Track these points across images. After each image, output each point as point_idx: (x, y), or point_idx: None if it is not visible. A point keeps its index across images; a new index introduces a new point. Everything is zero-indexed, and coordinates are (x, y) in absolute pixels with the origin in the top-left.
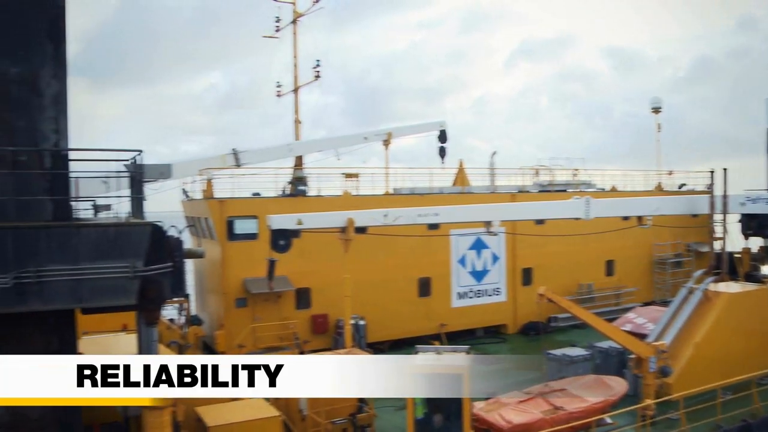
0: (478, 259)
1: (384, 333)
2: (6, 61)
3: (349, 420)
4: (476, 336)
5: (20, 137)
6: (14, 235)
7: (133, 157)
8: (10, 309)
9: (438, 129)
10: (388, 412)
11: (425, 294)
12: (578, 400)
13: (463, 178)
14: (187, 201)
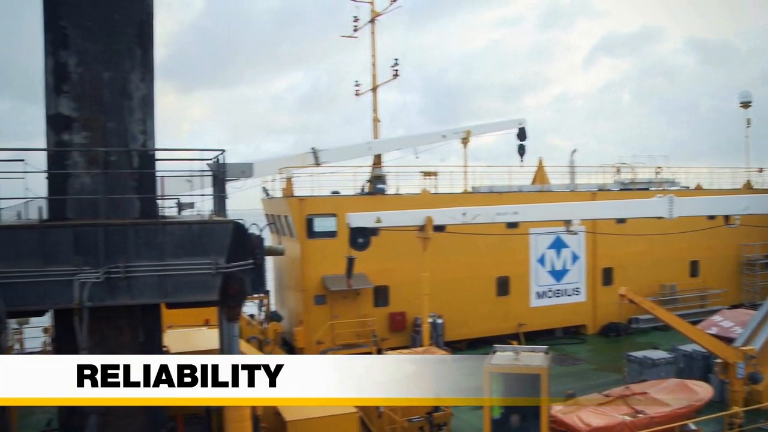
0: (557, 258)
1: (461, 332)
2: (99, 67)
3: (425, 418)
4: (555, 336)
5: (111, 138)
6: (105, 232)
7: (216, 157)
8: (101, 303)
9: (517, 127)
10: (465, 411)
11: (503, 293)
12: (660, 404)
13: (543, 176)
14: (268, 199)
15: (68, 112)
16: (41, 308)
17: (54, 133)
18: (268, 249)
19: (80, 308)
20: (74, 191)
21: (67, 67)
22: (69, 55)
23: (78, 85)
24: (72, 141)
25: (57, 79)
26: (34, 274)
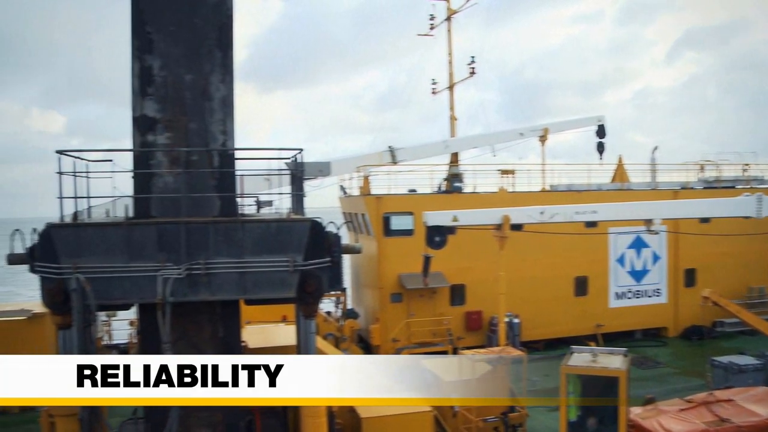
0: (637, 258)
1: (538, 332)
2: (181, 70)
3: (500, 419)
4: (634, 338)
5: (193, 138)
6: (187, 230)
7: (294, 156)
8: (183, 298)
9: (596, 124)
10: (541, 412)
11: (581, 293)
12: (747, 412)
13: (623, 174)
14: (345, 197)
15: (152, 114)
16: (127, 302)
17: (139, 134)
18: (345, 247)
19: (163, 303)
20: (158, 190)
21: (152, 71)
22: (153, 59)
23: (161, 88)
24: (156, 141)
25: (142, 83)
26: (121, 269)
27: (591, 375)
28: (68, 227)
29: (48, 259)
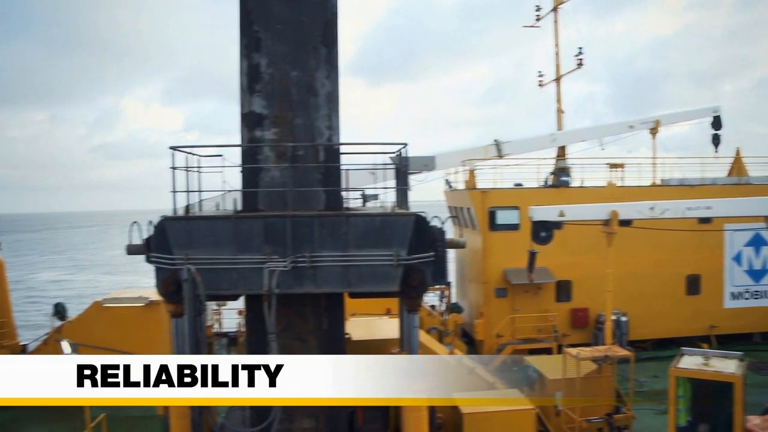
0: (756, 257)
1: (647, 331)
2: (287, 66)
3: (605, 419)
4: (752, 341)
5: (299, 133)
6: (293, 223)
7: (399, 150)
8: (288, 290)
9: (711, 115)
10: (648, 415)
11: (694, 292)
12: None
13: (740, 167)
14: (450, 191)
15: (260, 110)
16: (234, 293)
17: (247, 130)
18: (450, 241)
19: (269, 294)
20: (265, 184)
21: (259, 68)
22: (261, 57)
23: (268, 85)
24: (263, 137)
25: (250, 80)
26: (229, 261)
27: (703, 379)
28: (180, 220)
29: (162, 251)
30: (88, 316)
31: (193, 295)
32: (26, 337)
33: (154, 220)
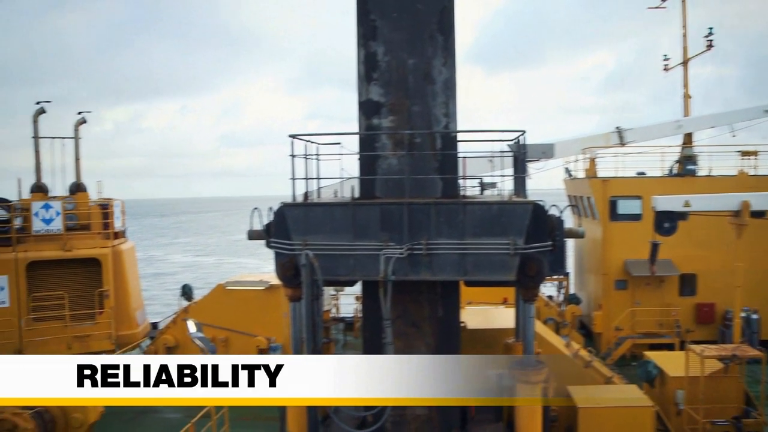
0: None
1: None
2: (404, 54)
3: (731, 423)
4: None
5: (416, 121)
6: (409, 210)
7: (517, 137)
8: (404, 277)
9: None
10: None
11: None
12: None
13: None
14: (569, 180)
15: (377, 98)
16: (351, 278)
17: (365, 117)
18: (568, 231)
19: (385, 281)
20: (382, 171)
21: (376, 57)
22: (377, 45)
23: (386, 73)
24: (380, 125)
25: (367, 68)
26: (346, 247)
27: None
28: (299, 206)
29: (281, 236)
30: (212, 297)
31: (311, 279)
32: (157, 316)
33: (275, 207)
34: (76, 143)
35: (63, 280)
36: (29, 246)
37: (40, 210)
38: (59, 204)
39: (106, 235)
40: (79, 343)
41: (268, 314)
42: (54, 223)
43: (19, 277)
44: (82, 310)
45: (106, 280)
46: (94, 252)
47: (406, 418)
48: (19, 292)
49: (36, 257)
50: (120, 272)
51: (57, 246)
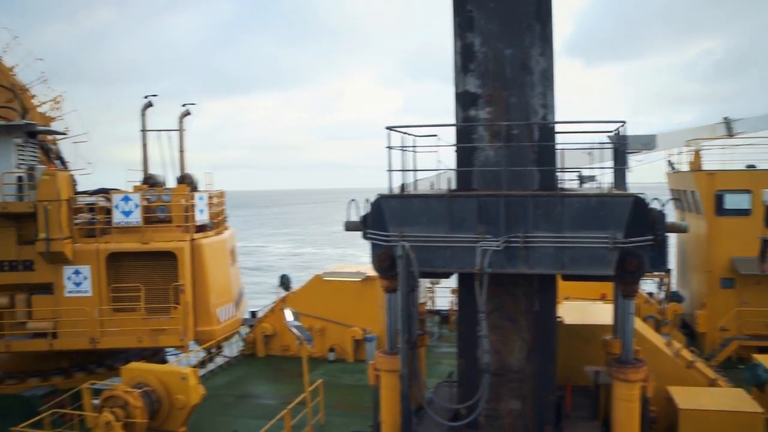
0: None
1: None
2: (500, 45)
3: None
4: None
5: (513, 112)
6: (506, 203)
7: (617, 129)
8: (500, 270)
9: None
10: None
11: None
12: None
13: None
14: (673, 173)
15: (474, 89)
16: (447, 270)
17: (462, 109)
18: (670, 225)
19: (481, 273)
20: (479, 163)
21: (473, 47)
22: (474, 36)
23: (482, 64)
24: (477, 116)
25: (464, 59)
26: (442, 239)
27: None
28: (396, 198)
29: (378, 227)
30: (310, 288)
31: (407, 271)
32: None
33: (371, 198)
34: (180, 135)
35: (141, 273)
36: (111, 237)
37: (120, 202)
38: (137, 196)
39: (186, 228)
40: (149, 337)
41: (364, 305)
42: (133, 216)
43: (100, 268)
44: (158, 303)
45: (181, 275)
46: (170, 245)
47: (499, 413)
48: (100, 283)
49: (116, 249)
50: (199, 267)
51: (137, 238)
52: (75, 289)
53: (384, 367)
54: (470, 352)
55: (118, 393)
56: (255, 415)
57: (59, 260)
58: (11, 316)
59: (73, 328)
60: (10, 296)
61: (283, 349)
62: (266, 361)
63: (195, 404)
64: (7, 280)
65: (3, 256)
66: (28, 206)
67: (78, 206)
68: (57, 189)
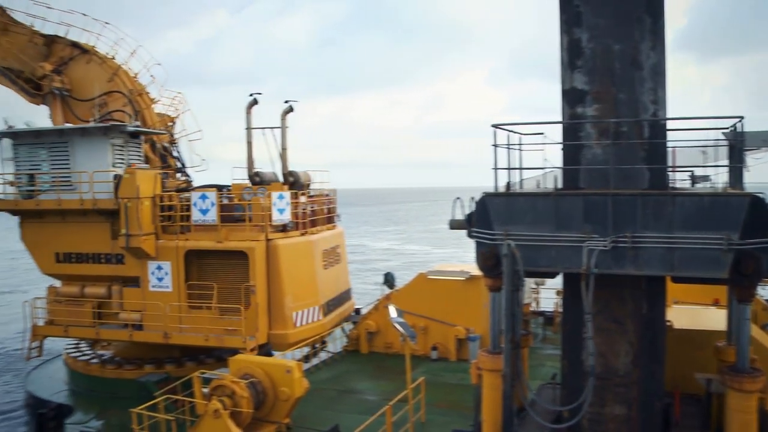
0: None
1: None
2: (609, 39)
3: None
4: None
5: (621, 109)
6: (614, 202)
7: (734, 125)
8: (607, 270)
9: None
10: None
11: None
12: None
13: None
14: None
15: (581, 86)
16: (552, 270)
17: (568, 106)
18: None
19: (587, 274)
20: (586, 162)
21: (580, 43)
22: (581, 32)
23: (590, 60)
24: (585, 113)
25: (571, 56)
26: (548, 238)
27: None
28: (501, 196)
29: (483, 226)
30: (414, 286)
31: (512, 270)
32: (359, 302)
33: (476, 197)
34: (282, 132)
35: (216, 272)
36: (191, 235)
37: (198, 200)
38: (214, 194)
39: (261, 228)
40: (215, 336)
41: (468, 305)
42: (209, 214)
43: (178, 265)
44: (231, 303)
45: (252, 275)
46: (242, 245)
47: (603, 417)
48: (179, 279)
49: (192, 246)
50: (275, 268)
51: (213, 236)
52: (157, 284)
53: (487, 366)
54: (575, 354)
55: (226, 383)
56: (357, 410)
57: (142, 255)
58: (109, 306)
59: (154, 321)
60: (108, 287)
61: (386, 346)
62: (369, 358)
63: (299, 397)
64: (103, 272)
65: (100, 249)
66: (114, 203)
67: (165, 203)
68: (136, 187)
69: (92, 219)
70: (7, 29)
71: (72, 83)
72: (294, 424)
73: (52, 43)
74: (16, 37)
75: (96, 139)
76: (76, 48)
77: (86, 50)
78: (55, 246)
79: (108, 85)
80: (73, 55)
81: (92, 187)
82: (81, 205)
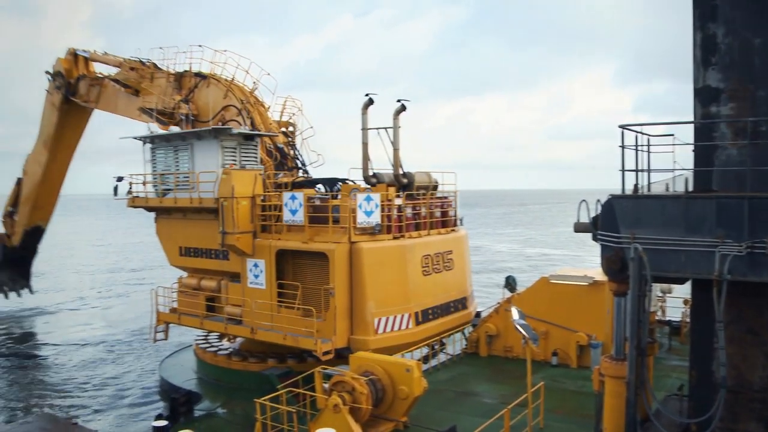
0: None
1: None
2: (747, 33)
3: None
4: None
5: (760, 107)
6: (750, 205)
7: None
8: (742, 277)
9: None
10: None
11: None
12: None
13: None
14: None
15: (715, 84)
16: (681, 276)
17: (701, 106)
18: None
19: (720, 281)
20: (720, 163)
21: (715, 39)
22: (717, 27)
23: (726, 56)
24: (719, 113)
25: (705, 52)
26: (677, 242)
27: None
28: (628, 199)
29: (609, 229)
30: (536, 289)
31: (639, 274)
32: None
33: (602, 199)
34: (395, 132)
35: (302, 272)
36: (283, 235)
37: (288, 200)
38: (302, 195)
39: (346, 230)
40: (292, 336)
41: (591, 310)
42: (298, 214)
43: (271, 263)
44: (313, 305)
45: (332, 278)
46: (323, 246)
47: None
48: (271, 278)
49: (282, 246)
50: (358, 271)
51: (301, 237)
52: (254, 281)
53: (610, 373)
54: (704, 364)
55: (347, 379)
56: (474, 413)
57: (239, 252)
58: (219, 299)
59: (248, 317)
60: (218, 281)
61: (505, 349)
62: (488, 361)
63: (417, 396)
64: (214, 266)
65: (210, 245)
66: (213, 202)
67: (264, 203)
68: (231, 186)
69: (204, 216)
70: (153, 77)
71: (198, 108)
72: (411, 423)
73: (181, 78)
74: (159, 80)
75: (208, 142)
76: (198, 77)
77: (205, 76)
78: (179, 240)
79: (223, 101)
80: (197, 83)
81: (198, 186)
82: (190, 203)
